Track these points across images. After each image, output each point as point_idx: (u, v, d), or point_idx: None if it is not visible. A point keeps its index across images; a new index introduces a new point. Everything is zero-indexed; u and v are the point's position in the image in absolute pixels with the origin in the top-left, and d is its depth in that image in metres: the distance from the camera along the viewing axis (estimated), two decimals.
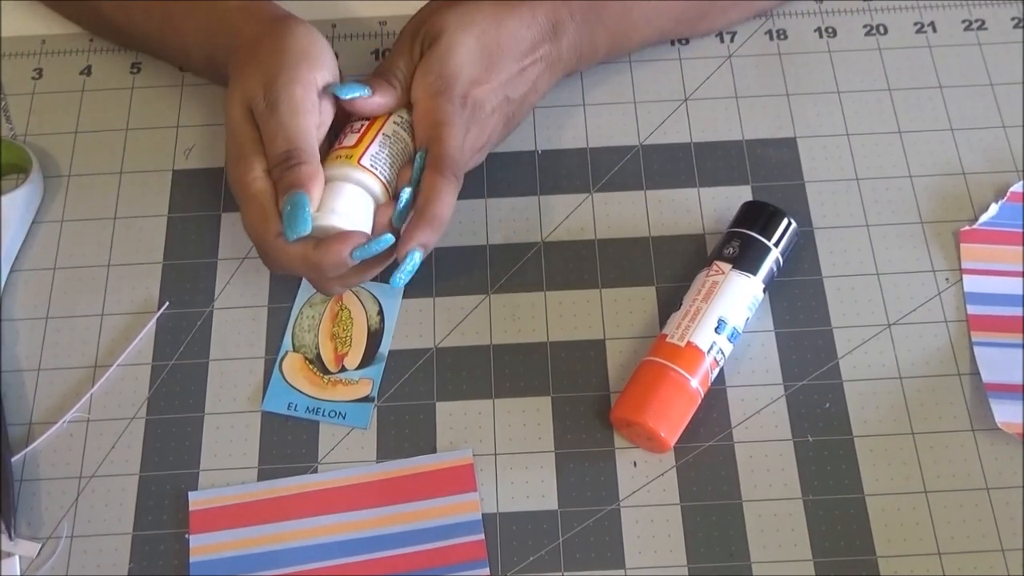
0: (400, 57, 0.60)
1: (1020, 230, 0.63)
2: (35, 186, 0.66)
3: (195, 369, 0.61)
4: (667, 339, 0.57)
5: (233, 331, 0.62)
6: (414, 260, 0.56)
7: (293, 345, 0.61)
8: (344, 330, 0.61)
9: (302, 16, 0.72)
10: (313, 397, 0.60)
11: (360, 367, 0.60)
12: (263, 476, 0.58)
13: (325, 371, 0.60)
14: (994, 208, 0.64)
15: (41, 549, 0.57)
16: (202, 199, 0.66)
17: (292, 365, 0.60)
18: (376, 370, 0.60)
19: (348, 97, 0.58)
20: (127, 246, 0.65)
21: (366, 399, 0.59)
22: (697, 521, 0.56)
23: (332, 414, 0.59)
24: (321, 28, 0.72)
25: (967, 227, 0.63)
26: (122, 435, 0.59)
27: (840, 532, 0.56)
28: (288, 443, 0.59)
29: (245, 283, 0.64)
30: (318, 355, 0.61)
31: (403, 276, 0.56)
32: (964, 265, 0.62)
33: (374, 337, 0.61)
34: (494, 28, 0.59)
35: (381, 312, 0.62)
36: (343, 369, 0.60)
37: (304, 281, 0.62)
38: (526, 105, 0.62)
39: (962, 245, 0.63)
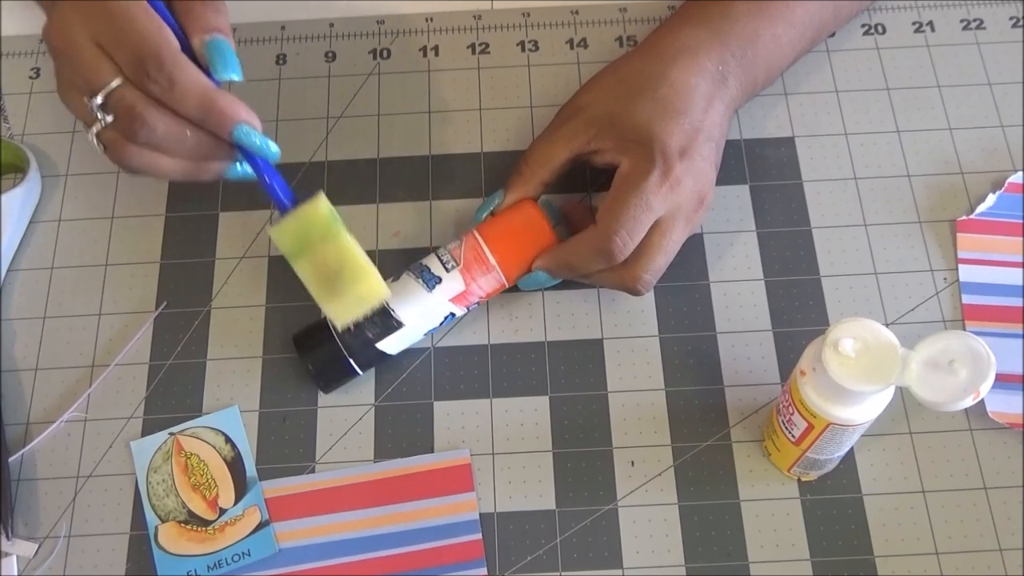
0: (559, 150, 0.58)
1: (1016, 220, 0.63)
2: (33, 185, 0.66)
3: (193, 369, 0.61)
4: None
5: (231, 331, 0.62)
6: (538, 279, 0.59)
7: (159, 517, 0.57)
8: (202, 475, 0.58)
9: (300, 16, 0.72)
10: (208, 554, 0.56)
11: (237, 500, 0.57)
12: (261, 476, 0.58)
13: (205, 523, 0.57)
14: (991, 198, 0.64)
15: (38, 549, 0.57)
16: (200, 199, 0.66)
17: (169, 535, 0.56)
18: (255, 494, 0.57)
19: (484, 214, 0.59)
20: (125, 246, 0.65)
21: (261, 526, 0.56)
22: (695, 521, 0.56)
23: (237, 557, 0.56)
24: (319, 27, 0.72)
25: (964, 217, 0.63)
26: (120, 435, 0.59)
27: (838, 532, 0.56)
28: (286, 443, 0.59)
29: (243, 283, 0.64)
30: (190, 512, 0.57)
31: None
32: (960, 255, 0.62)
33: (235, 466, 0.58)
34: (666, 86, 0.57)
35: (229, 439, 0.59)
36: (222, 512, 0.57)
37: (135, 452, 0.59)
38: (721, 150, 0.60)
39: (958, 235, 0.63)
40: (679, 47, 0.59)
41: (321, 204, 0.53)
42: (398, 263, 0.61)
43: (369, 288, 0.53)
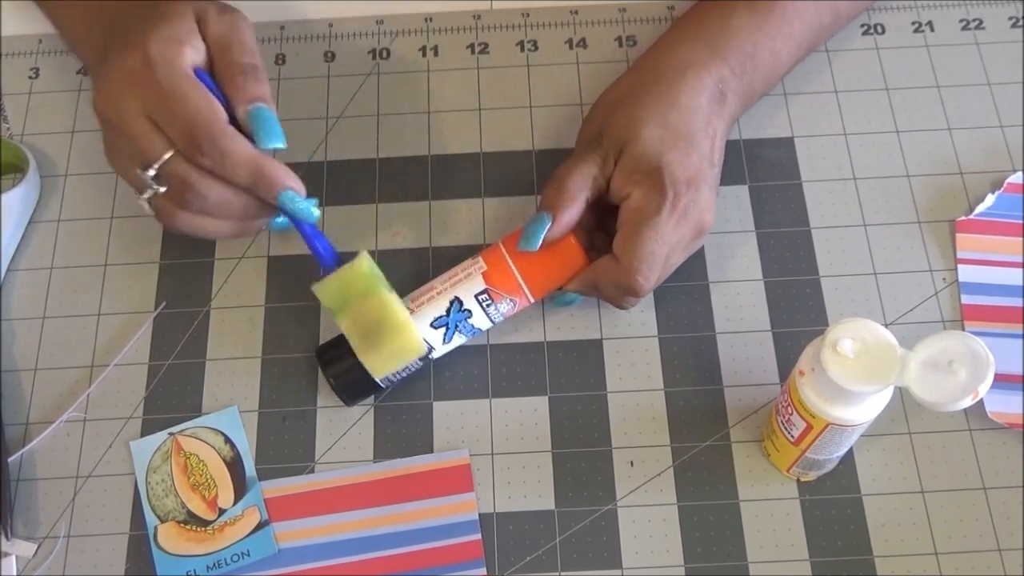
0: (586, 167, 0.57)
1: (1016, 221, 0.63)
2: (32, 186, 0.66)
3: (192, 369, 0.61)
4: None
5: (230, 331, 0.62)
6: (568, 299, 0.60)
7: (158, 517, 0.57)
8: (201, 475, 0.58)
9: (298, 16, 0.72)
10: (208, 554, 0.56)
11: (237, 500, 0.57)
12: (260, 476, 0.58)
13: (205, 523, 0.57)
14: (991, 198, 0.64)
15: (38, 549, 0.57)
16: None
17: (169, 535, 0.56)
18: (254, 494, 0.57)
19: (533, 246, 0.57)
20: (124, 246, 0.65)
21: (260, 526, 0.56)
22: (694, 521, 0.56)
23: (236, 557, 0.56)
24: (318, 28, 0.72)
25: (963, 217, 0.63)
26: (119, 435, 0.59)
27: (837, 532, 0.56)
28: (285, 443, 0.59)
29: (242, 283, 0.64)
30: (189, 512, 0.57)
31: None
32: (959, 255, 0.63)
33: (235, 466, 0.58)
34: (673, 111, 0.57)
35: (228, 439, 0.59)
36: (221, 512, 0.57)
37: (135, 452, 0.59)
38: (720, 171, 0.59)
39: (958, 235, 0.63)
40: (679, 64, 0.59)
41: (363, 262, 0.55)
42: (398, 263, 0.61)
43: (406, 343, 0.55)
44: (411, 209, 0.65)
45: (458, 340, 0.58)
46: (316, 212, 0.56)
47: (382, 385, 0.57)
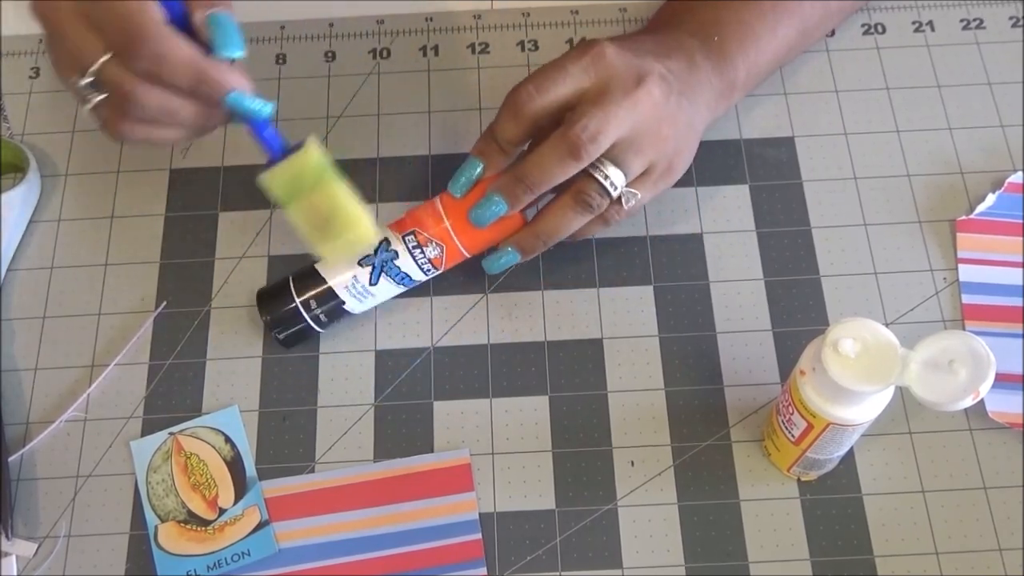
0: (567, 80, 0.55)
1: (1016, 220, 0.63)
2: (32, 185, 0.66)
3: (192, 368, 0.61)
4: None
5: (230, 331, 0.62)
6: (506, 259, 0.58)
7: (159, 517, 0.57)
8: (202, 475, 0.58)
9: (300, 16, 0.72)
10: (208, 553, 0.56)
11: (237, 500, 0.57)
12: (261, 476, 0.58)
13: (205, 523, 0.57)
14: (991, 198, 0.64)
15: (38, 549, 0.57)
16: (199, 198, 0.66)
17: (169, 535, 0.56)
18: (255, 494, 0.57)
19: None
20: (124, 245, 0.65)
21: (261, 525, 0.56)
22: (695, 521, 0.56)
23: (236, 557, 0.56)
24: (319, 27, 0.72)
25: (963, 217, 0.63)
26: (119, 434, 0.59)
27: (837, 532, 0.56)
28: (285, 443, 0.59)
29: (242, 282, 0.64)
30: (190, 512, 0.57)
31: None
32: (960, 255, 0.62)
33: (235, 466, 0.58)
34: (669, 58, 0.57)
35: (228, 439, 0.59)
36: (222, 511, 0.57)
37: (135, 452, 0.59)
38: (699, 120, 0.58)
39: (958, 234, 0.63)
40: (667, 42, 0.59)
41: (313, 152, 0.53)
42: None
43: (360, 233, 0.54)
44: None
45: (387, 287, 0.58)
46: (267, 108, 0.52)
47: (316, 328, 0.58)
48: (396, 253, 0.57)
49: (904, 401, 0.59)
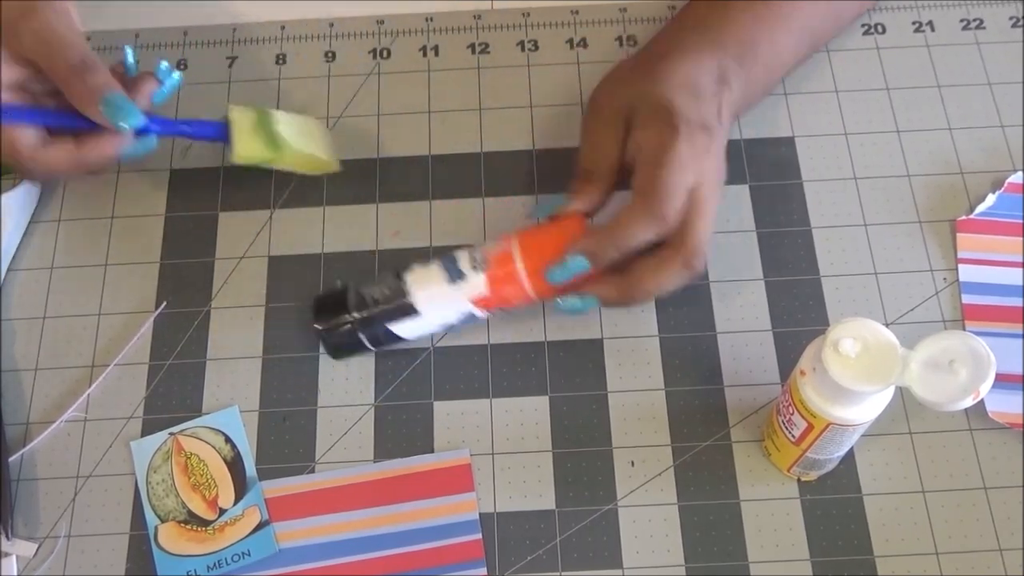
0: (602, 143, 0.57)
1: (1016, 220, 0.63)
2: (32, 186, 0.66)
3: (193, 369, 0.61)
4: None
5: (230, 331, 0.62)
6: (574, 305, 0.57)
7: (159, 517, 0.57)
8: (202, 475, 0.58)
9: (300, 16, 0.72)
10: (208, 553, 0.56)
11: (237, 500, 0.57)
12: (261, 476, 0.58)
13: (205, 523, 0.57)
14: (991, 198, 0.64)
15: (38, 549, 0.57)
16: (200, 199, 0.66)
17: (169, 535, 0.56)
18: (255, 494, 0.57)
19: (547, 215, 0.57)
20: (124, 246, 0.65)
21: (261, 526, 0.56)
22: (695, 521, 0.56)
23: (237, 557, 0.56)
24: (319, 27, 0.72)
25: (964, 217, 0.63)
26: (119, 434, 0.59)
27: (838, 532, 0.56)
28: (285, 443, 0.59)
29: (242, 282, 0.64)
30: (190, 512, 0.57)
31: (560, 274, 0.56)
32: (960, 255, 0.62)
33: (235, 466, 0.58)
34: (676, 75, 0.57)
35: (229, 439, 0.59)
36: (222, 512, 0.57)
37: (135, 452, 0.59)
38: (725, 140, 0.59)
39: (958, 235, 0.63)
40: (680, 48, 0.59)
41: (236, 115, 0.61)
42: (397, 262, 0.61)
43: (332, 168, 0.65)
44: (411, 209, 0.65)
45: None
46: (175, 74, 0.60)
47: (370, 347, 0.59)
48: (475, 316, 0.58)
49: (904, 401, 0.59)
